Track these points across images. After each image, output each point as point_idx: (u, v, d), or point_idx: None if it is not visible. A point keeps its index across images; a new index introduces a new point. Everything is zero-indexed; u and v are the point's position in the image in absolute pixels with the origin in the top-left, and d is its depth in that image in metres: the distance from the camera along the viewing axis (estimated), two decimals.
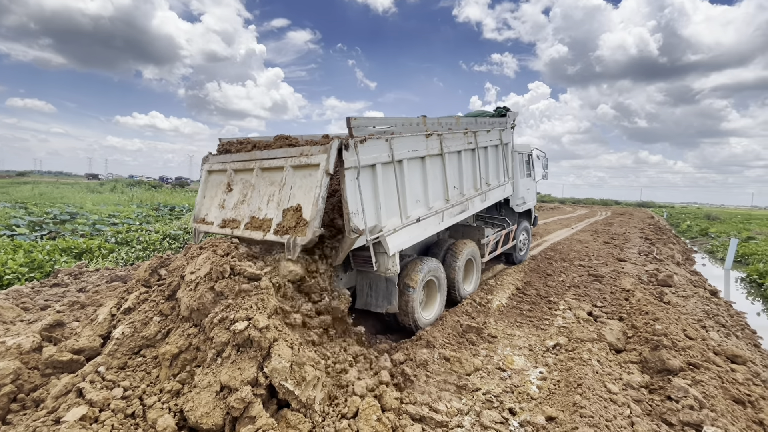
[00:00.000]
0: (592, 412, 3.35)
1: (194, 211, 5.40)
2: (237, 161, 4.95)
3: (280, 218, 4.14)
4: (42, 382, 3.28)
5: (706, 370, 4.13)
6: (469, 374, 4.21)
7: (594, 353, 4.60)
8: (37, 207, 18.43)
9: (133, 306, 3.92)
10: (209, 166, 5.39)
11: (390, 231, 4.56)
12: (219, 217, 4.95)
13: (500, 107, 8.45)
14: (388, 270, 4.55)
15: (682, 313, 6.01)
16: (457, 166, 6.19)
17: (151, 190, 36.62)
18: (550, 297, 7.06)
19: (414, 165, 5.14)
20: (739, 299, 8.66)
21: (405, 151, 4.88)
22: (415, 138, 5.09)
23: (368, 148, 4.22)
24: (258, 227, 4.35)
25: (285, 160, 4.28)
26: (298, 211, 4.04)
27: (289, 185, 4.19)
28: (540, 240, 14.34)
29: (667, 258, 11.61)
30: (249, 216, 4.53)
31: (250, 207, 4.57)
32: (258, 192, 4.58)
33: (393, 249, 4.53)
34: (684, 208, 65.68)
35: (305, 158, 4.05)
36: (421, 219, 5.17)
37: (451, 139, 5.91)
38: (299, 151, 4.17)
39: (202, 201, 5.38)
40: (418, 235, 5.16)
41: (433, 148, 5.43)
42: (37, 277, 7.49)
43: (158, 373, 3.29)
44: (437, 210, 5.55)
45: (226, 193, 4.99)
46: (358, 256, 4.72)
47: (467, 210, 6.43)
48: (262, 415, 2.73)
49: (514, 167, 8.55)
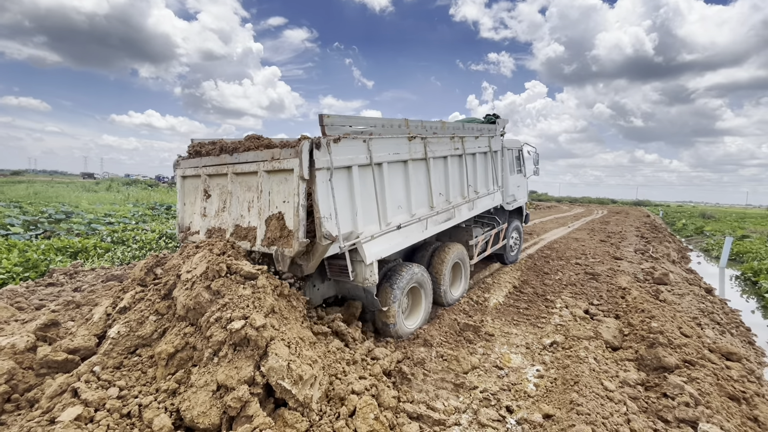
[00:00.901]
0: (589, 409, 3.36)
1: (178, 219, 5.25)
2: (209, 165, 4.69)
3: (264, 228, 4.01)
4: (37, 382, 3.25)
5: (702, 367, 4.16)
6: (467, 372, 4.22)
7: (591, 351, 4.61)
8: (31, 206, 18.29)
9: (129, 305, 3.90)
10: (182, 171, 5.11)
11: (367, 238, 4.29)
12: (203, 226, 4.78)
13: (490, 114, 8.39)
14: (365, 280, 4.28)
15: (677, 311, 6.04)
16: (443, 172, 5.95)
17: (147, 189, 36.43)
18: (546, 295, 7.09)
19: (395, 169, 4.89)
20: (734, 297, 8.71)
21: (385, 154, 4.63)
22: (396, 140, 4.84)
23: (343, 149, 3.96)
24: (244, 237, 4.22)
25: (257, 165, 4.04)
26: (280, 220, 3.88)
27: (266, 191, 4.01)
28: (537, 238, 14.39)
29: (662, 256, 11.67)
30: (233, 224, 4.38)
31: (232, 215, 4.40)
32: (237, 198, 4.38)
33: (370, 257, 4.26)
34: (679, 206, 66.08)
35: (278, 162, 3.83)
36: (403, 226, 4.90)
37: (437, 143, 5.67)
38: (270, 154, 3.92)
39: (183, 208, 5.20)
40: (400, 243, 4.90)
41: (416, 152, 5.19)
42: (31, 276, 7.44)
43: (154, 373, 3.27)
44: (421, 217, 5.28)
45: (205, 200, 4.78)
46: (334, 265, 4.47)
47: (453, 218, 6.21)
48: (259, 414, 2.72)
49: (503, 164, 8.32)
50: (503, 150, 8.34)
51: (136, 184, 42.28)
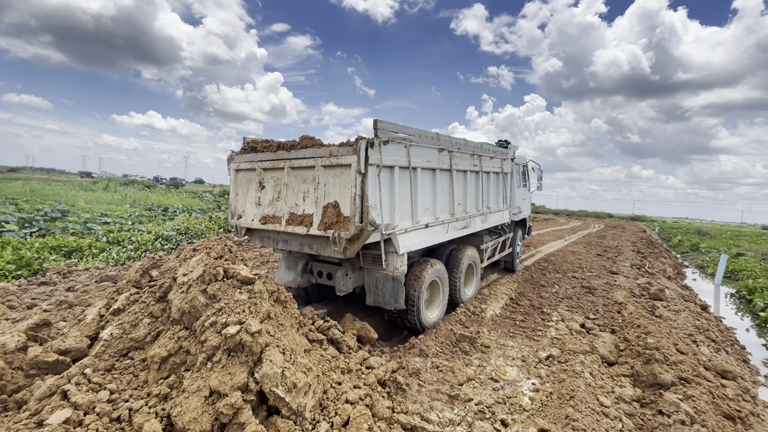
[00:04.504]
0: (584, 425, 3.33)
1: (230, 208, 5.68)
2: (265, 160, 5.14)
3: (320, 214, 4.53)
4: (26, 383, 3.19)
5: (697, 385, 4.14)
6: (462, 384, 4.18)
7: (586, 365, 4.59)
8: (27, 203, 18.18)
9: (123, 307, 3.85)
10: (236, 165, 5.54)
11: (401, 231, 4.83)
12: (258, 214, 5.25)
13: (501, 140, 9.09)
14: (396, 269, 4.82)
15: (673, 327, 6.04)
16: (463, 184, 6.55)
17: (145, 189, 36.31)
18: (543, 308, 7.07)
19: (426, 175, 5.45)
20: (729, 315, 8.74)
21: (419, 160, 5.21)
22: (429, 150, 5.43)
23: (390, 150, 4.55)
24: (299, 223, 4.72)
25: (315, 160, 4.55)
26: (336, 208, 4.40)
27: (323, 183, 4.52)
28: (534, 251, 14.40)
29: (658, 272, 11.70)
30: (288, 212, 4.87)
31: (287, 204, 4.88)
32: (292, 189, 4.87)
33: (403, 248, 4.82)
34: (675, 222, 66.48)
35: (335, 158, 4.36)
36: (430, 226, 5.52)
37: (460, 158, 6.29)
38: (328, 152, 4.45)
39: (236, 198, 5.64)
40: (426, 241, 5.51)
41: (443, 163, 5.81)
42: (24, 274, 7.36)
43: (146, 377, 3.22)
44: (443, 221, 5.88)
45: (260, 191, 5.24)
46: (368, 254, 4.90)
47: (469, 227, 6.83)
48: (251, 422, 2.67)
49: (512, 183, 8.98)
50: (512, 171, 9.01)
51: (134, 184, 42.13)
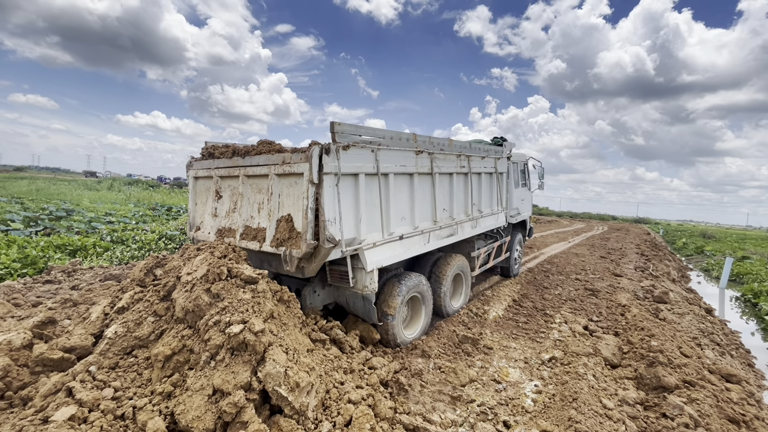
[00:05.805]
0: (587, 427, 3.32)
1: (189, 219, 5.38)
2: (221, 167, 4.80)
3: (273, 229, 4.09)
4: (31, 380, 3.22)
5: (702, 388, 4.11)
6: (464, 385, 4.17)
7: (590, 368, 4.58)
8: (33, 202, 18.32)
9: (127, 305, 3.88)
10: (195, 173, 5.24)
11: (369, 245, 4.34)
12: (214, 226, 4.88)
13: (497, 137, 8.48)
14: (365, 287, 4.30)
15: (677, 330, 6.00)
16: (448, 189, 6.02)
17: (149, 189, 36.51)
18: (546, 310, 7.05)
19: (401, 181, 4.96)
20: (734, 318, 8.66)
21: (392, 165, 4.71)
22: (404, 153, 4.93)
23: (351, 156, 4.05)
24: (253, 237, 4.30)
25: (269, 168, 4.15)
26: (289, 222, 3.96)
27: (276, 194, 4.10)
28: (537, 252, 14.36)
29: (662, 274, 11.63)
30: (243, 225, 4.46)
31: (242, 216, 4.48)
32: (247, 200, 4.47)
33: (371, 265, 4.30)
34: (680, 225, 66.06)
35: (288, 166, 3.94)
36: (405, 237, 4.95)
37: (443, 160, 5.76)
38: (282, 159, 4.03)
39: (194, 208, 5.34)
40: (401, 254, 4.92)
41: (422, 167, 5.28)
42: (29, 273, 7.42)
43: (150, 375, 3.24)
44: (423, 230, 5.34)
45: (216, 201, 4.89)
46: (335, 271, 4.47)
47: (456, 234, 6.25)
48: (254, 421, 2.69)
49: (509, 184, 8.38)
50: (509, 171, 8.36)
51: (138, 184, 42.38)
